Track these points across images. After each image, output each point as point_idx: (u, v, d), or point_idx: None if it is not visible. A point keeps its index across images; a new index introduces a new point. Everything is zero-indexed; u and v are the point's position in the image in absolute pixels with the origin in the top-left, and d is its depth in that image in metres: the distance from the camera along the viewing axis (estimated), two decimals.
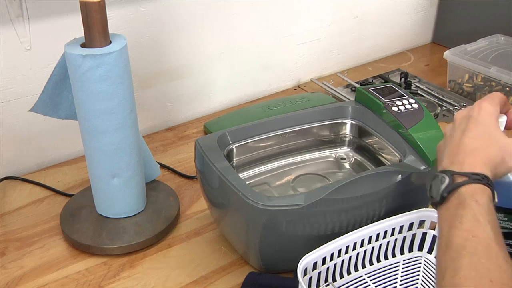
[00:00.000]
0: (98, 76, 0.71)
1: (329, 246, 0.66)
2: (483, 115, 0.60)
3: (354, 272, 0.72)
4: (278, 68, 1.28)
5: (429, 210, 0.72)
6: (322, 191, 0.68)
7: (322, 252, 0.65)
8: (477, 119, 0.60)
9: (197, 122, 1.16)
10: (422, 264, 0.74)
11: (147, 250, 0.81)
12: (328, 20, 1.31)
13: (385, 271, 0.73)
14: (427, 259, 0.74)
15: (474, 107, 0.61)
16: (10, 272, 0.77)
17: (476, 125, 0.59)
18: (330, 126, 0.90)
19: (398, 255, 0.74)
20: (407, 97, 0.86)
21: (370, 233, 0.69)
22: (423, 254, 0.75)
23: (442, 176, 0.57)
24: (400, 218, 0.71)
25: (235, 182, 0.69)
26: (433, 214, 0.71)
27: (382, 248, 0.73)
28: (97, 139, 0.76)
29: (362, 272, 0.72)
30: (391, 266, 0.74)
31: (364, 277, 0.72)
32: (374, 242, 0.71)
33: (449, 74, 1.27)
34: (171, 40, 1.08)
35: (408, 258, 0.75)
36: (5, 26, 0.88)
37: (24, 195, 0.93)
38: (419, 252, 0.75)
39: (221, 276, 0.77)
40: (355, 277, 0.71)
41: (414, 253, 0.75)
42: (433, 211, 0.71)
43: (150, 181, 0.91)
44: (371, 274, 0.72)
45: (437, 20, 1.55)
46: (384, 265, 0.73)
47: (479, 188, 0.54)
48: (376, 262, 0.73)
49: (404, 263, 0.74)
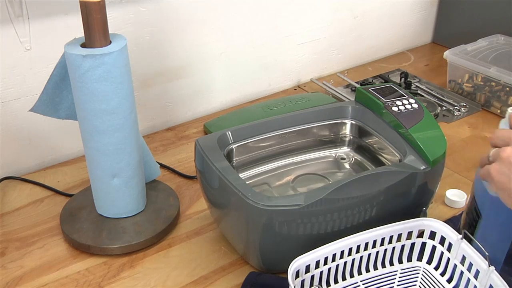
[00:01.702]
0: (98, 76, 0.71)
1: (322, 249, 0.65)
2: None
3: (349, 278, 0.71)
4: (278, 68, 1.28)
5: (429, 220, 0.71)
6: (322, 191, 0.68)
7: (314, 255, 0.65)
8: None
9: (197, 122, 1.16)
10: (420, 274, 0.73)
11: (147, 250, 0.81)
12: (328, 20, 1.31)
13: (382, 280, 0.72)
14: (425, 270, 0.73)
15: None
16: (10, 272, 0.77)
17: None
18: (330, 126, 0.90)
19: (396, 264, 0.73)
20: (407, 97, 0.86)
21: (366, 239, 0.69)
22: (421, 264, 0.73)
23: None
24: (398, 226, 0.70)
25: (235, 182, 0.69)
26: (432, 224, 0.71)
27: (380, 255, 0.72)
28: (97, 139, 0.76)
29: (358, 278, 0.71)
30: (388, 275, 0.72)
31: (359, 284, 0.71)
32: (370, 248, 0.70)
33: (449, 74, 1.27)
34: (171, 40, 1.08)
35: (406, 267, 0.73)
36: (5, 26, 0.88)
37: (24, 195, 0.93)
38: (418, 262, 0.73)
39: (221, 276, 0.77)
40: (350, 283, 0.70)
41: (413, 263, 0.73)
42: (433, 220, 0.71)
43: (150, 181, 0.91)
44: (366, 281, 0.71)
45: (437, 20, 1.55)
46: (381, 273, 0.72)
47: None
48: (373, 270, 0.72)
49: (402, 273, 0.73)
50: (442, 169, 0.79)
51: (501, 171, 0.60)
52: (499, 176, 0.60)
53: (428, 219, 0.71)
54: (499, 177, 0.60)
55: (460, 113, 1.18)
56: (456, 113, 1.18)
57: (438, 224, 0.70)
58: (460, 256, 0.68)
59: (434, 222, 0.71)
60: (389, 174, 0.73)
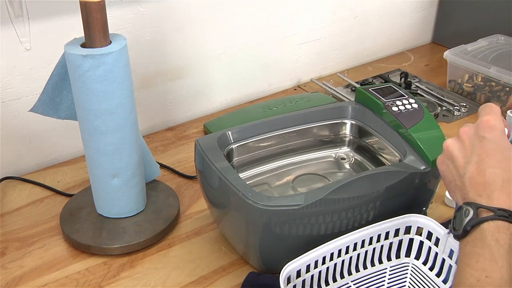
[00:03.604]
0: (98, 76, 0.71)
1: (312, 253, 0.65)
2: (496, 136, 0.55)
3: (340, 279, 0.71)
4: (278, 68, 1.28)
5: (415, 216, 0.71)
6: (322, 191, 0.68)
7: (305, 259, 0.65)
8: (493, 141, 0.55)
9: (197, 122, 1.16)
10: (409, 270, 0.73)
11: (147, 250, 0.81)
12: (328, 20, 1.31)
13: (372, 278, 0.72)
14: (414, 265, 0.73)
15: (482, 125, 0.56)
16: (10, 272, 0.77)
17: (495, 150, 0.54)
18: (330, 126, 0.90)
19: (385, 262, 0.74)
20: (407, 97, 0.86)
21: (355, 239, 0.69)
22: (410, 260, 0.74)
23: (466, 209, 0.53)
24: (385, 224, 0.70)
25: (235, 182, 0.69)
26: (419, 220, 0.71)
27: (369, 254, 0.72)
28: (97, 139, 0.76)
29: (349, 279, 0.71)
30: (378, 273, 0.73)
31: (350, 284, 0.71)
32: (359, 248, 0.70)
33: (449, 74, 1.27)
34: (171, 40, 1.08)
35: (395, 264, 0.74)
36: (5, 26, 0.88)
37: (24, 195, 0.93)
38: (406, 258, 0.74)
39: (221, 276, 0.77)
40: (341, 285, 0.71)
41: (401, 259, 0.74)
42: (419, 216, 0.71)
43: (150, 181, 0.91)
44: (357, 281, 0.72)
45: (437, 20, 1.55)
46: (370, 272, 0.73)
47: (503, 225, 0.51)
48: (363, 269, 0.72)
49: (391, 270, 0.73)
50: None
51: (443, 160, 0.59)
52: (441, 166, 0.60)
53: (414, 215, 0.71)
54: (441, 166, 0.60)
55: (460, 113, 1.18)
56: (456, 113, 1.18)
57: (424, 219, 0.71)
58: (448, 250, 0.68)
59: (421, 217, 0.71)
60: (389, 174, 0.73)
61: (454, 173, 0.57)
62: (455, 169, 0.57)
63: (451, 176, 0.58)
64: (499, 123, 0.56)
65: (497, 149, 0.55)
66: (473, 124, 0.58)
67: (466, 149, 0.56)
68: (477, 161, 0.55)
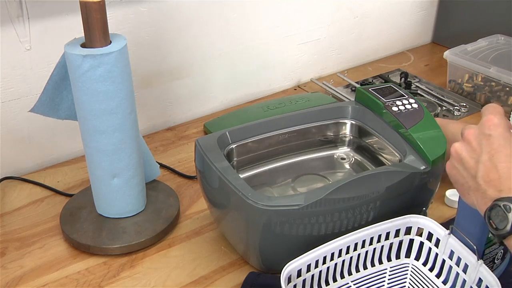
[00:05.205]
0: (98, 76, 0.71)
1: (313, 253, 0.65)
2: (501, 132, 0.56)
3: (340, 279, 0.71)
4: (278, 68, 1.28)
5: (416, 217, 0.71)
6: (322, 191, 0.68)
7: (306, 259, 0.65)
8: (499, 138, 0.56)
9: (197, 122, 1.16)
10: (409, 271, 0.73)
11: (147, 250, 0.81)
12: (328, 20, 1.31)
13: (372, 279, 0.72)
14: (414, 266, 0.73)
15: (486, 124, 0.57)
16: (10, 272, 0.77)
17: (503, 146, 0.55)
18: (330, 126, 0.90)
19: (385, 262, 0.73)
20: (407, 97, 0.86)
21: (355, 239, 0.69)
22: (410, 261, 0.73)
23: (505, 204, 0.52)
24: (386, 225, 0.70)
25: (235, 182, 0.69)
26: (420, 221, 0.71)
27: (369, 255, 0.72)
28: (97, 139, 0.76)
29: (349, 279, 0.71)
30: (378, 273, 0.73)
31: (350, 285, 0.71)
32: (360, 249, 0.70)
33: (449, 74, 1.27)
34: (171, 40, 1.08)
35: (395, 265, 0.73)
36: (5, 26, 0.88)
37: (24, 195, 0.93)
38: (406, 259, 0.74)
39: (221, 276, 0.77)
40: (341, 284, 0.70)
41: (401, 260, 0.74)
42: (420, 217, 0.71)
43: (150, 181, 0.91)
44: (357, 281, 0.71)
45: (437, 20, 1.55)
46: (370, 272, 0.72)
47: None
48: (363, 269, 0.72)
49: (391, 270, 0.73)
50: (442, 169, 0.79)
51: (452, 165, 0.61)
52: (451, 171, 0.61)
53: (415, 216, 0.71)
54: (451, 171, 0.61)
55: (460, 113, 1.18)
56: (456, 113, 1.18)
57: (425, 220, 0.71)
58: (448, 251, 0.68)
59: (421, 218, 0.71)
60: (389, 174, 0.73)
61: (465, 176, 0.58)
62: (466, 171, 0.58)
63: (462, 179, 0.59)
64: (502, 120, 0.57)
65: (505, 144, 0.55)
66: (476, 125, 0.59)
67: (474, 150, 0.57)
68: (487, 159, 0.56)
